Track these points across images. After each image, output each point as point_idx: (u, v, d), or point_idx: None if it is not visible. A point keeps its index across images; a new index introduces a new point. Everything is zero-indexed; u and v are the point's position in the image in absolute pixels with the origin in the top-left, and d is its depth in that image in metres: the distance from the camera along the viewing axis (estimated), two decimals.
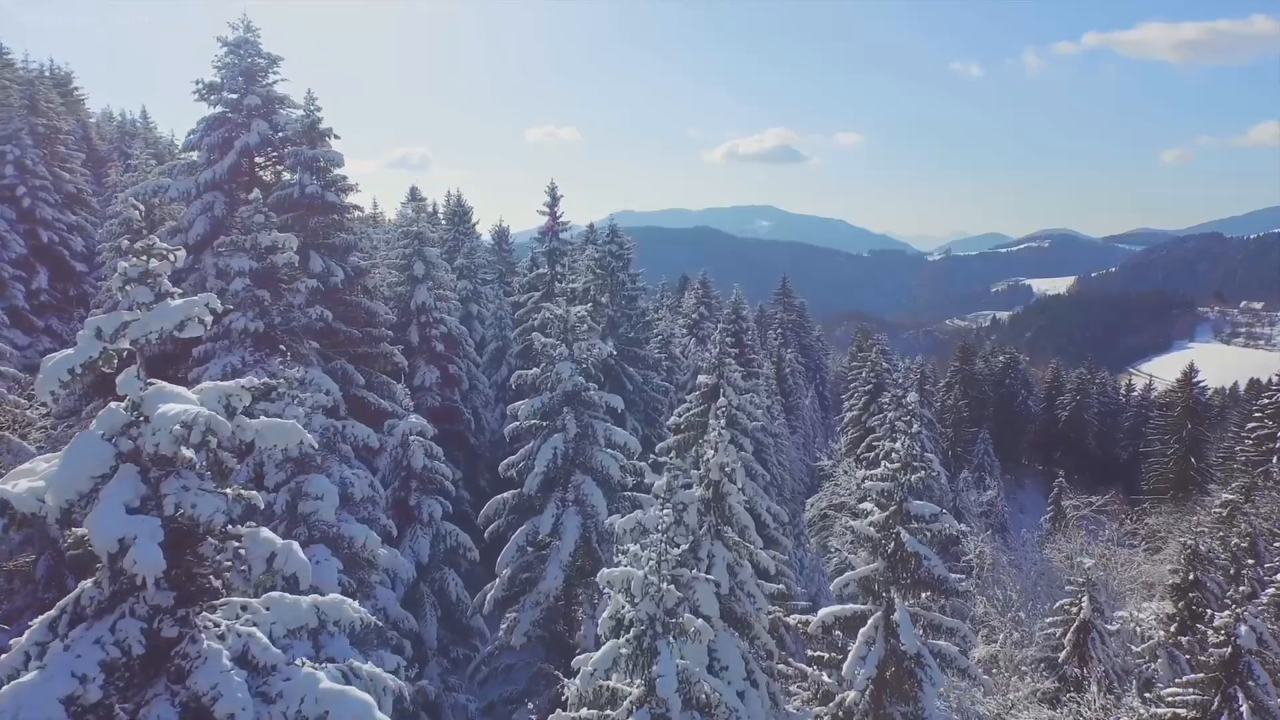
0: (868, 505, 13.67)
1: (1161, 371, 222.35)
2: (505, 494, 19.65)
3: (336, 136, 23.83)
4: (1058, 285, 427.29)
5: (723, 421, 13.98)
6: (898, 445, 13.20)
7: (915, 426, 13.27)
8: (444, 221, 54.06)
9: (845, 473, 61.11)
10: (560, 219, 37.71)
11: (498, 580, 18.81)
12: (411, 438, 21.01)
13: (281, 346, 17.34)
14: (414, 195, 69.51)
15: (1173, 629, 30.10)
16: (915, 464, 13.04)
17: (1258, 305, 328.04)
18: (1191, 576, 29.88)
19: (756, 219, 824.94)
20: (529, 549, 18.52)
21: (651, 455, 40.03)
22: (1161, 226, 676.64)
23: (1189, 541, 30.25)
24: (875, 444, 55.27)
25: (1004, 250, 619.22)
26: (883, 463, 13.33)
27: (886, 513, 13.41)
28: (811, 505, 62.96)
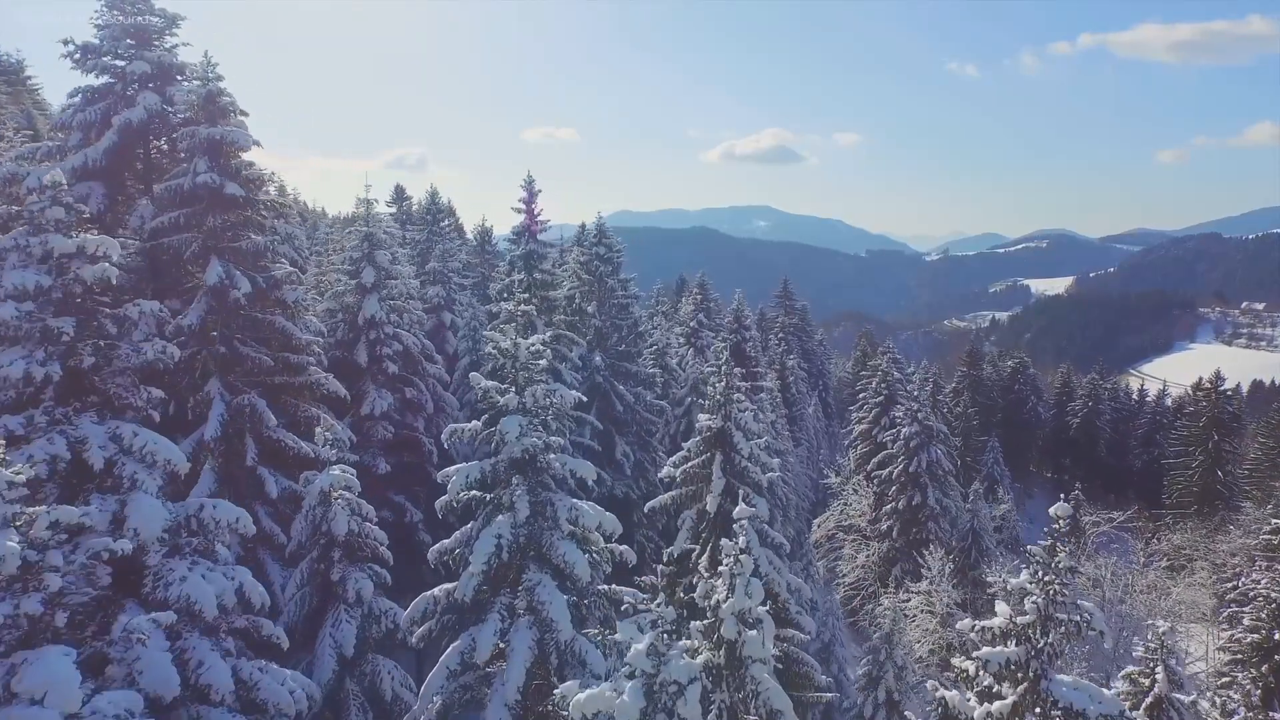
0: (971, 667, 8.46)
1: (1163, 373, 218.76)
2: (436, 590, 14.80)
3: (244, 113, 18.95)
4: (1056, 285, 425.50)
5: (741, 541, 8.80)
6: (1026, 583, 8.02)
7: (1060, 556, 8.17)
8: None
9: (855, 491, 56.66)
10: (539, 216, 32.98)
11: (423, 716, 14.05)
12: (335, 495, 16.49)
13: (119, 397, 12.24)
14: (400, 194, 64.87)
15: (1255, 696, 25.91)
16: (1059, 615, 8.12)
17: (1259, 306, 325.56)
18: (1277, 637, 25.70)
19: (754, 219, 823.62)
20: (472, 658, 13.70)
21: (646, 477, 35.86)
22: (1159, 227, 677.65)
23: (1274, 595, 25.94)
24: (888, 460, 50.97)
25: (1002, 250, 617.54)
26: (1004, 606, 8.23)
27: (1015, 694, 8.29)
28: (819, 525, 58.43)
